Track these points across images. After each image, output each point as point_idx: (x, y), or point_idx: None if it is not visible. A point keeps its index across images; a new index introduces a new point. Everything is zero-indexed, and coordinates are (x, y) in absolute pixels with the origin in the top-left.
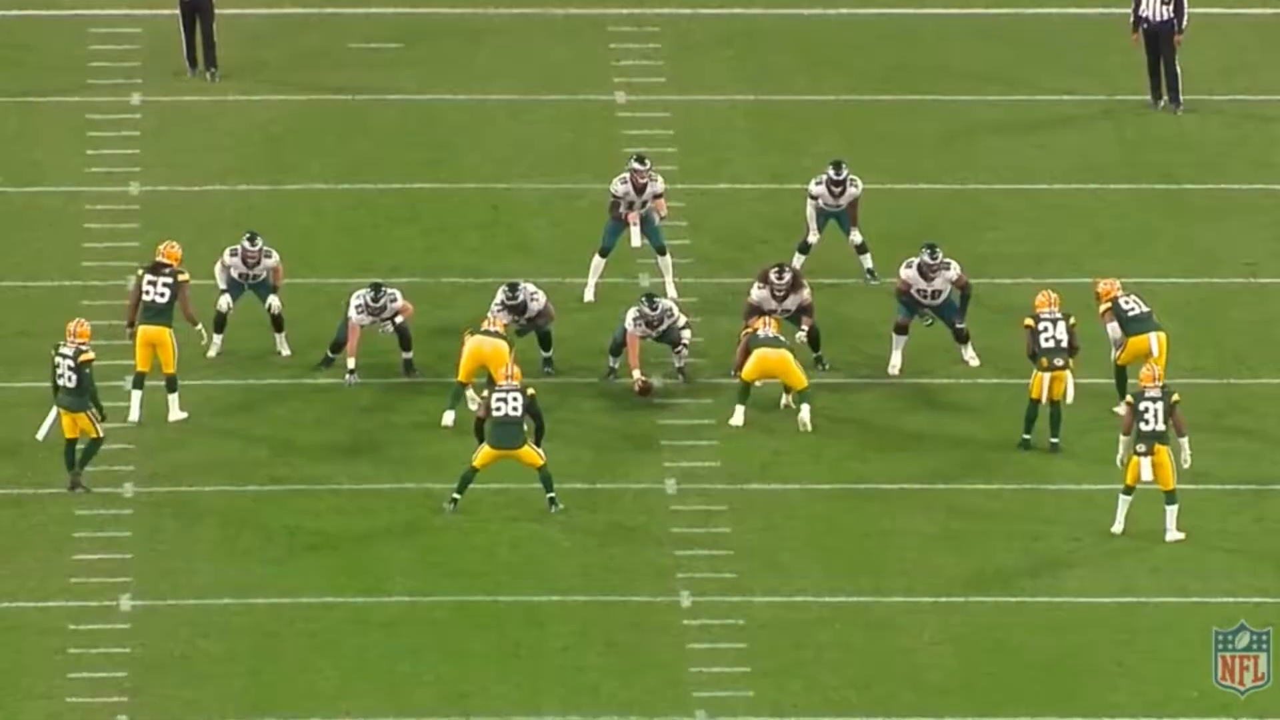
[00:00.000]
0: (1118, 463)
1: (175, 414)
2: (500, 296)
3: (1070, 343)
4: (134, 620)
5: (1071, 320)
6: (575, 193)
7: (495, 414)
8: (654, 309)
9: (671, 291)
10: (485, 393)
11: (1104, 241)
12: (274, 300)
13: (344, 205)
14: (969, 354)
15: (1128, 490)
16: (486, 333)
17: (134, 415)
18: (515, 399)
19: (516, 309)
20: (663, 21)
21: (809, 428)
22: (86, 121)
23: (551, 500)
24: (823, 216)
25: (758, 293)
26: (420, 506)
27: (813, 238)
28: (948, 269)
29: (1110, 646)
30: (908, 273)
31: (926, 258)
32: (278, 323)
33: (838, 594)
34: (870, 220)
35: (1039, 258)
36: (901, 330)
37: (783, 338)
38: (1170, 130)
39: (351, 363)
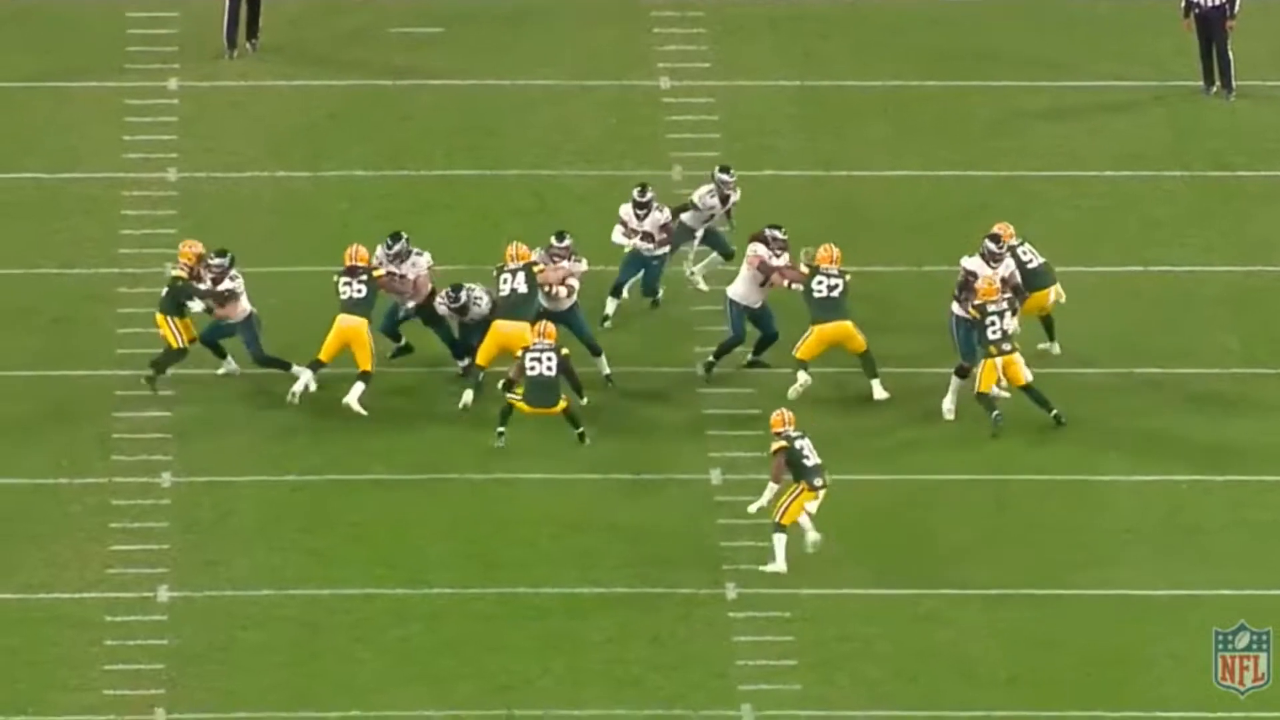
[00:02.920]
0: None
1: (356, 404)
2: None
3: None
4: (171, 611)
5: (1015, 304)
6: (619, 179)
7: (530, 373)
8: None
9: (699, 279)
10: (519, 353)
11: (1156, 229)
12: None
13: (384, 192)
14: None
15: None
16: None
17: (298, 387)
18: (550, 359)
19: (459, 310)
20: (707, 6)
21: (883, 395)
22: (124, 107)
23: (581, 435)
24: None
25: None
26: (461, 497)
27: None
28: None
29: (1161, 639)
30: (970, 262)
31: (992, 246)
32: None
33: (885, 586)
34: (916, 208)
35: (1089, 246)
36: (962, 374)
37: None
38: (1222, 116)
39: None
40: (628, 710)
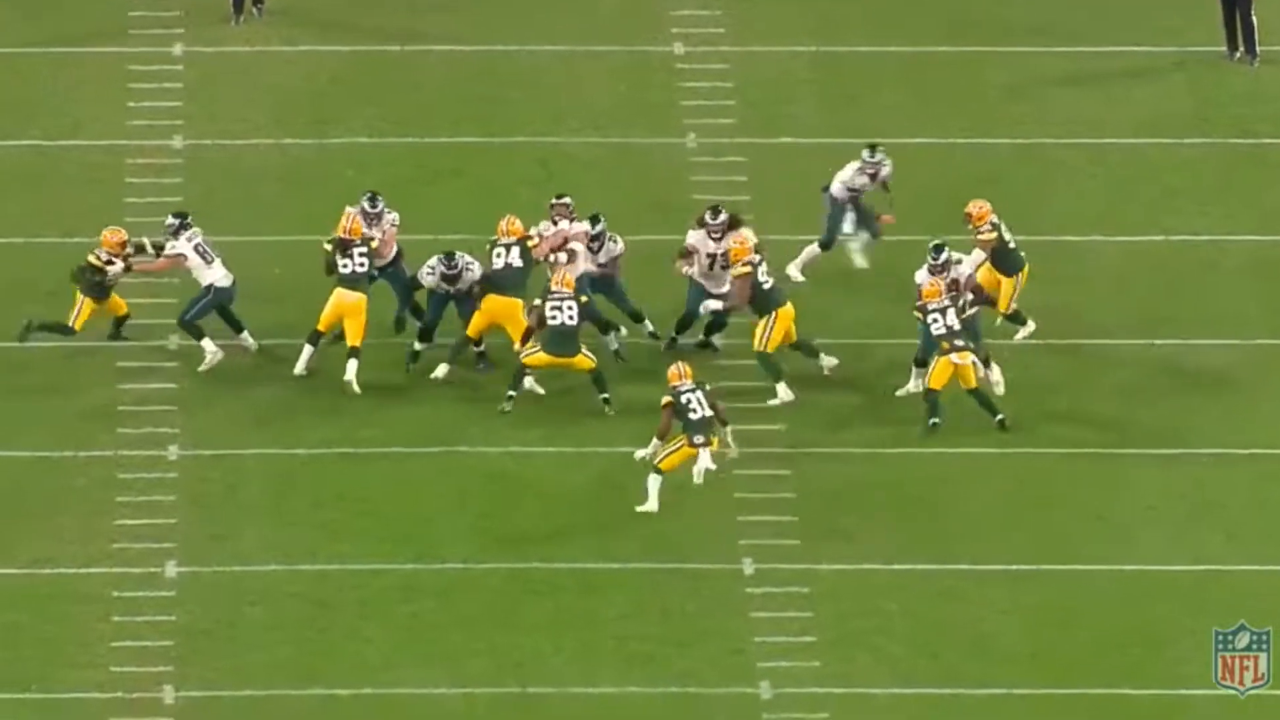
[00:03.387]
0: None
1: (356, 384)
2: (438, 265)
3: (970, 324)
4: (179, 587)
5: (961, 302)
6: (630, 148)
7: (552, 322)
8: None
9: (795, 274)
10: (537, 301)
11: (1177, 198)
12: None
13: (390, 160)
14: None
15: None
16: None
17: (300, 368)
18: (570, 307)
19: (451, 279)
20: None
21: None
22: (127, 73)
23: (605, 401)
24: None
25: (693, 234)
26: (473, 471)
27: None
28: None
29: (1183, 617)
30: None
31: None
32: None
33: (904, 561)
34: (934, 177)
35: (1108, 215)
36: (922, 364)
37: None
38: (1246, 83)
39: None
40: (642, 688)
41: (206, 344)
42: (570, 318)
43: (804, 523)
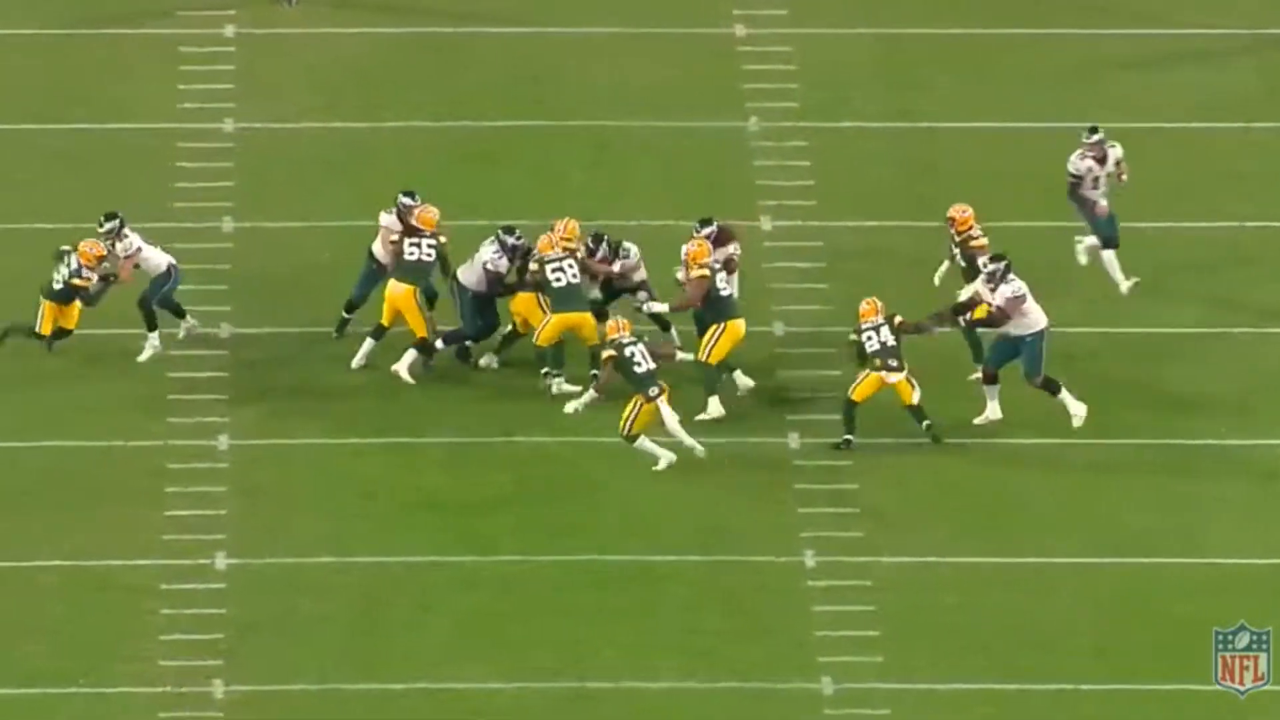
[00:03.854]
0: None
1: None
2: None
3: (898, 342)
4: (230, 579)
5: (897, 320)
6: (688, 131)
7: (556, 284)
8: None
9: (1122, 283)
10: (533, 266)
11: (1244, 183)
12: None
13: (442, 144)
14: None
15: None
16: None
17: (358, 361)
18: (571, 265)
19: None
20: None
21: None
22: (178, 55)
23: (595, 376)
24: None
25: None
26: (530, 461)
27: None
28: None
29: (1256, 609)
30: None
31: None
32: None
33: (968, 554)
34: (996, 161)
35: (1174, 200)
36: (991, 380)
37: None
38: None
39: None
40: (701, 683)
41: (153, 337)
42: (574, 276)
43: (866, 515)
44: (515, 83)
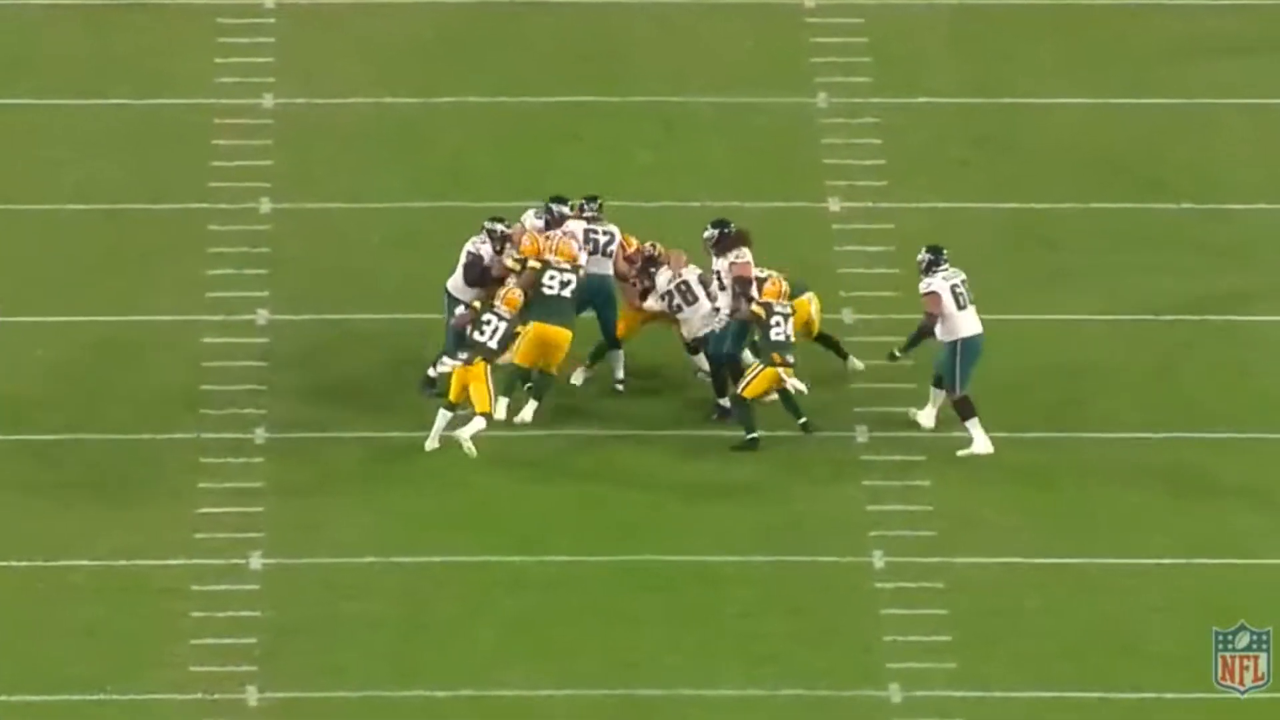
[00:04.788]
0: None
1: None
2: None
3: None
4: (265, 580)
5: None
6: (757, 107)
7: (547, 291)
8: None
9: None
10: (533, 263)
11: None
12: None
13: (501, 121)
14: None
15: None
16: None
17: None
18: (571, 280)
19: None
20: None
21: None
22: (215, 26)
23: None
24: None
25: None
26: (583, 456)
27: None
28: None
29: None
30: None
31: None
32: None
33: (1048, 554)
34: (1087, 140)
35: (1275, 183)
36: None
37: None
38: None
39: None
40: (764, 689)
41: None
42: (566, 291)
43: (939, 512)
44: (577, 58)
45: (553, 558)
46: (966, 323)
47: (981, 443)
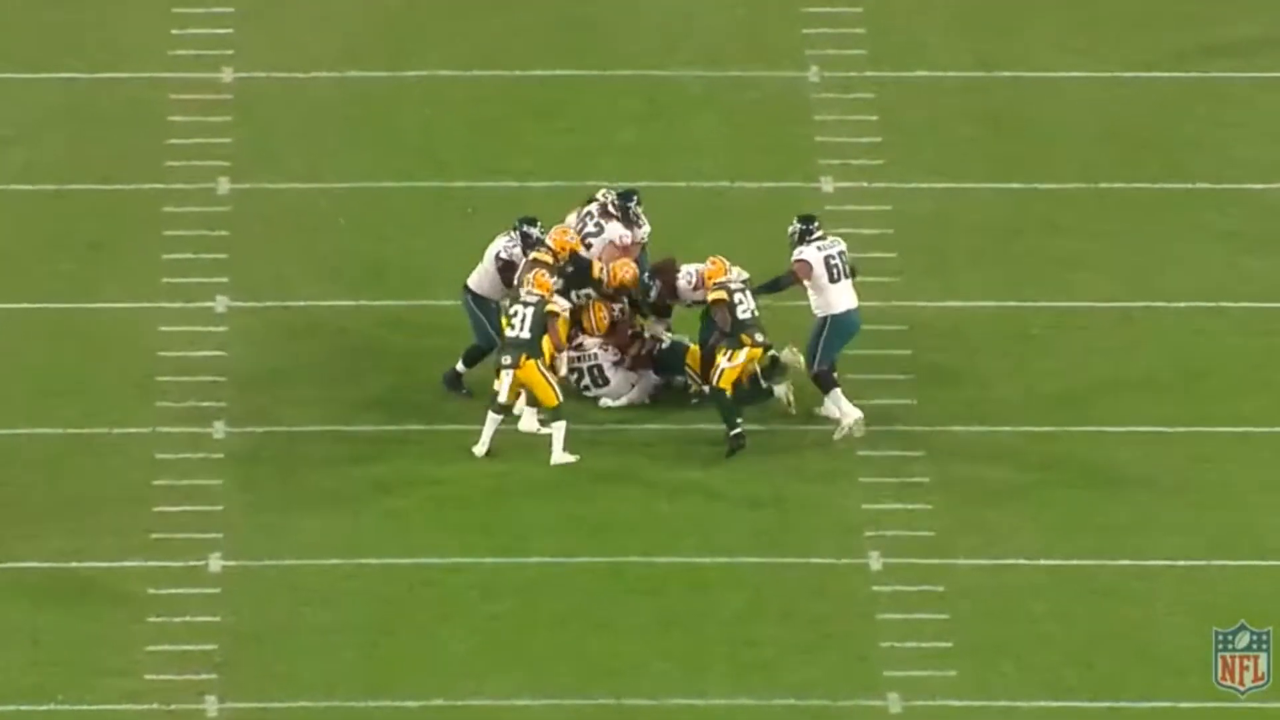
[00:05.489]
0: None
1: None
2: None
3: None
4: (225, 584)
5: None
6: (746, 81)
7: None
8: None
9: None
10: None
11: None
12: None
13: (474, 96)
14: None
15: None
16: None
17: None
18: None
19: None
20: None
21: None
22: None
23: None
24: None
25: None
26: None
27: None
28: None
29: None
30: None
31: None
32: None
33: (1055, 555)
34: (1097, 116)
35: None
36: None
37: None
38: None
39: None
40: (755, 699)
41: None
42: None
43: (939, 511)
44: (554, 28)
45: (531, 560)
46: (840, 297)
47: (848, 413)
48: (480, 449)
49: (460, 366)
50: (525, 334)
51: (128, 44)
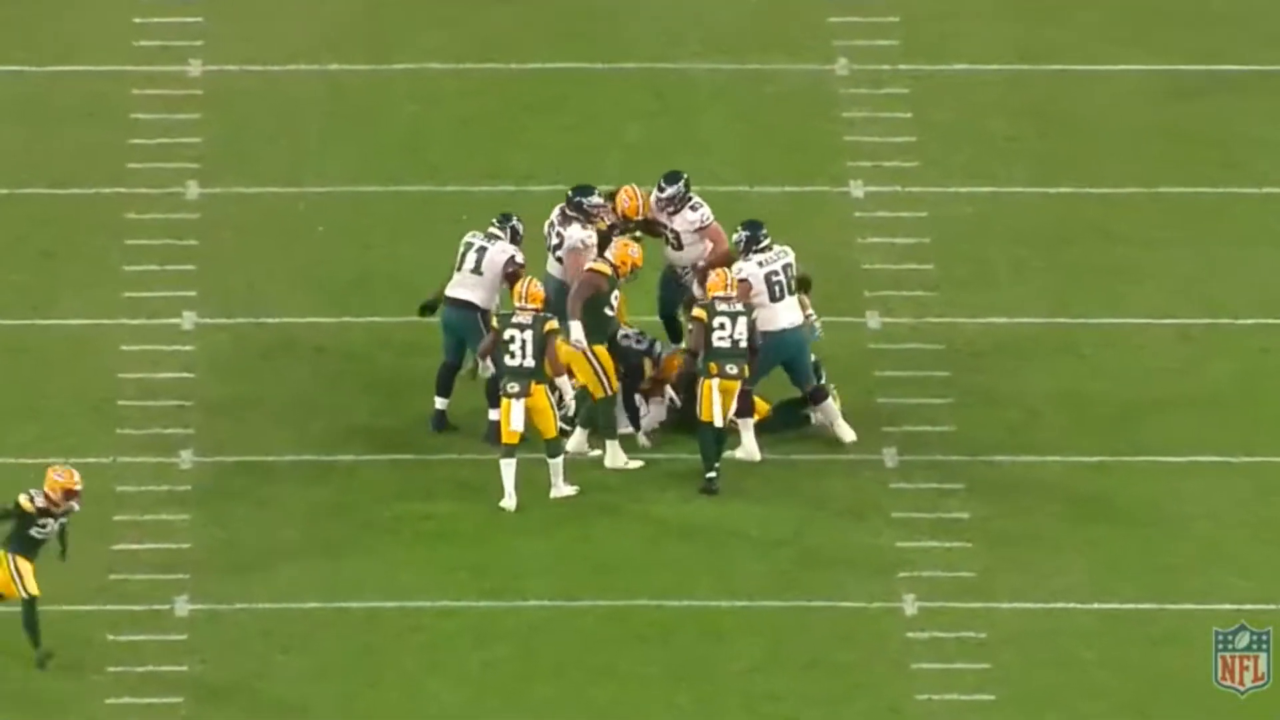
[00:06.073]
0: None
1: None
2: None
3: (751, 344)
4: (193, 629)
5: (754, 316)
6: (765, 75)
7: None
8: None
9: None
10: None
11: None
12: None
13: (467, 91)
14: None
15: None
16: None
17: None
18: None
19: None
20: None
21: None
22: None
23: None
24: None
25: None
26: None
27: None
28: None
29: None
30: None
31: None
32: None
33: (1107, 598)
34: (1150, 113)
35: None
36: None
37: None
38: None
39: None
40: None
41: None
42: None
43: (980, 549)
44: (554, 16)
45: (528, 603)
46: (782, 314)
47: (749, 447)
48: (509, 502)
49: (440, 403)
50: (529, 361)
51: (86, 34)
